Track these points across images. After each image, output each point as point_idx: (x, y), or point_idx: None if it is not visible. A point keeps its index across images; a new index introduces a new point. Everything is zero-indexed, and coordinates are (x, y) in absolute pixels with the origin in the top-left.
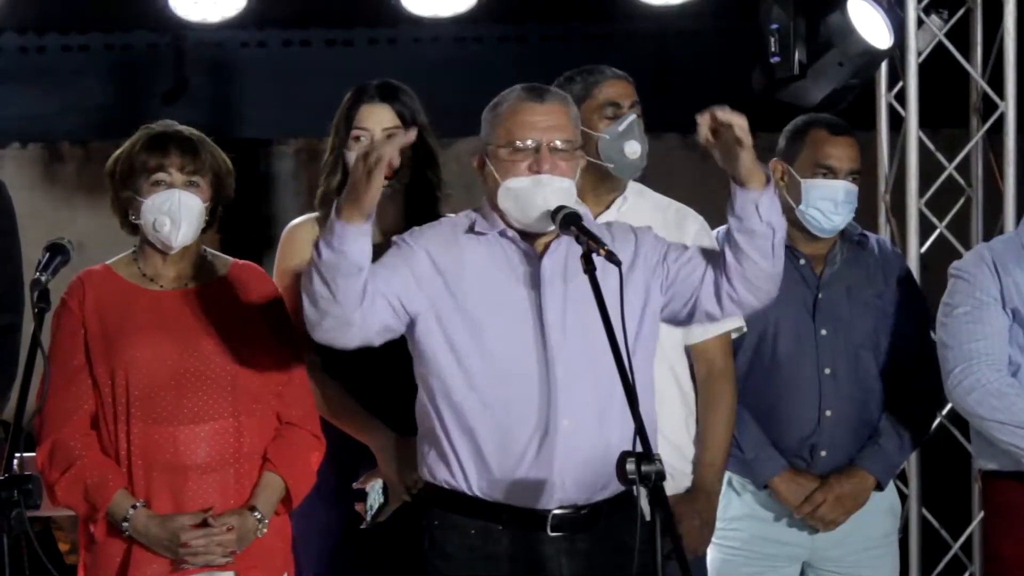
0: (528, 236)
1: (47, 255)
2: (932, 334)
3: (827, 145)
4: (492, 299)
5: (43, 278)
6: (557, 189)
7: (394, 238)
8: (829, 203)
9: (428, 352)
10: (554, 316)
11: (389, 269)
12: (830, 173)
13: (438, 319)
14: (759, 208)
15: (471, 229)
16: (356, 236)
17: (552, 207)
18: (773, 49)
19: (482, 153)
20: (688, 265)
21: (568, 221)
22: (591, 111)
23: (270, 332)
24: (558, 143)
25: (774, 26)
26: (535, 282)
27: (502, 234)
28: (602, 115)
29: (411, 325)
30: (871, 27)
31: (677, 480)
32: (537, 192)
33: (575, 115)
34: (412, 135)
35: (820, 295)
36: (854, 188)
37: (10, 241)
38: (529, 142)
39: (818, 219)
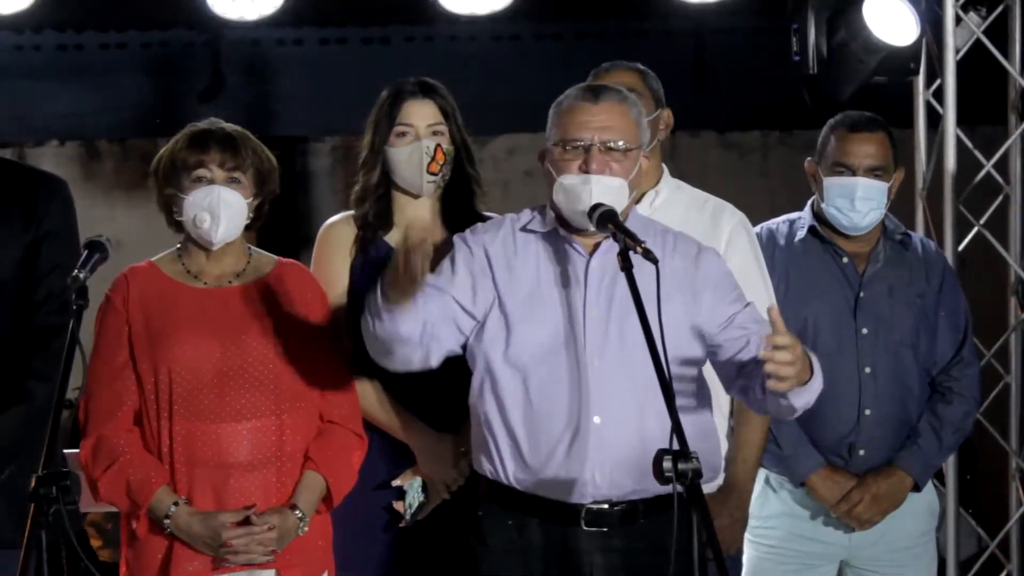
0: (580, 235)
1: (85, 252)
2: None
3: (844, 143)
4: (537, 295)
5: (81, 275)
6: (606, 188)
7: (455, 237)
8: (846, 200)
9: (475, 340)
10: (596, 314)
11: (449, 283)
12: (847, 171)
13: (485, 313)
14: (797, 396)
15: (526, 226)
16: (405, 314)
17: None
18: (795, 47)
19: (543, 150)
20: (737, 349)
21: (605, 218)
22: None
23: (313, 331)
24: (610, 143)
25: (795, 25)
26: (581, 280)
27: (554, 232)
28: None
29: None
30: (892, 23)
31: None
32: (584, 190)
33: (637, 116)
34: (428, 248)
35: (862, 294)
36: (874, 184)
37: (69, 244)
38: (581, 142)
39: (837, 217)
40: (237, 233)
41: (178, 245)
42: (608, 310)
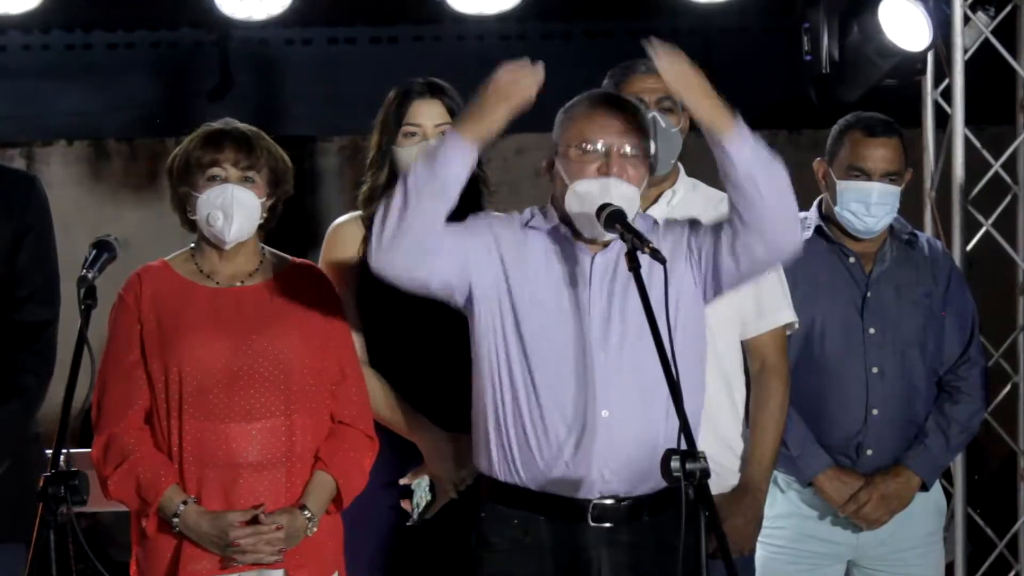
0: (587, 242)
1: (93, 252)
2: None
3: (861, 147)
4: (541, 293)
5: (90, 275)
6: (623, 194)
7: (475, 215)
8: (861, 205)
9: (480, 339)
10: (599, 313)
11: (470, 230)
12: (863, 175)
13: (491, 306)
14: (730, 153)
15: (529, 223)
16: (460, 157)
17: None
18: (806, 47)
19: (551, 154)
20: (705, 235)
21: (613, 218)
22: None
23: (325, 331)
24: (628, 149)
25: (806, 24)
26: (585, 279)
27: (556, 230)
28: None
29: (470, 302)
30: (906, 27)
31: (724, 477)
32: (603, 195)
33: (648, 127)
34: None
35: (869, 293)
36: (889, 189)
37: (47, 238)
38: (600, 145)
39: (851, 221)
40: (250, 232)
41: (191, 244)
42: (609, 308)
